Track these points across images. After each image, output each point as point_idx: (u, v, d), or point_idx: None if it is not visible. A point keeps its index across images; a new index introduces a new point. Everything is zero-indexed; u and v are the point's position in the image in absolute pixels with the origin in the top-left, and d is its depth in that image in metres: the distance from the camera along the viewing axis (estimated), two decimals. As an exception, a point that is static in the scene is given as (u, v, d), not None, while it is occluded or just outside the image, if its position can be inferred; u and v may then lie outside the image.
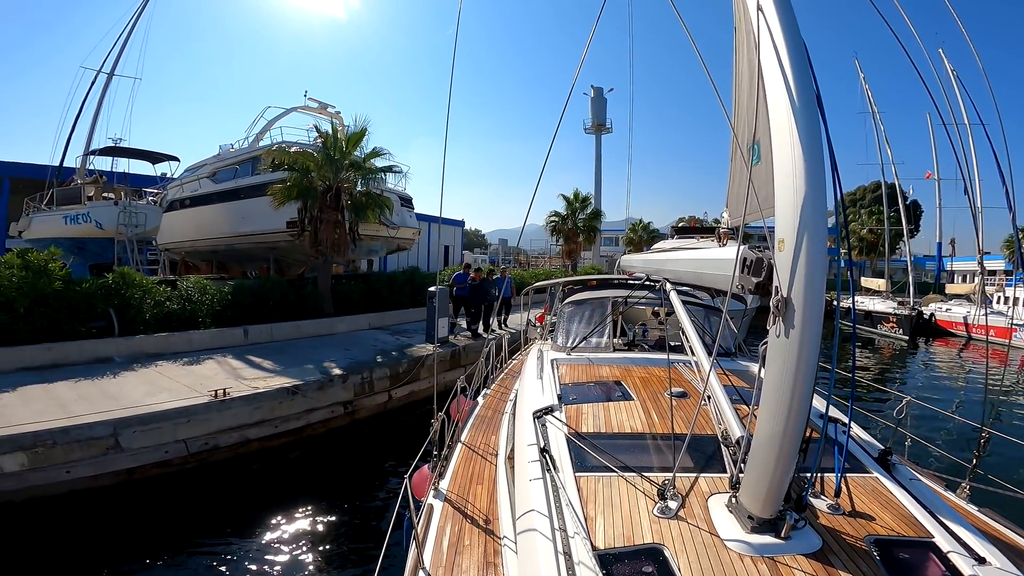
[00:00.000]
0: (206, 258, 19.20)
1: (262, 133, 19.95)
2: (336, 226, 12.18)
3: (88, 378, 7.20)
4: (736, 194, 4.52)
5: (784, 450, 1.91)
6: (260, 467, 7.00)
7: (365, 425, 8.55)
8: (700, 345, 3.43)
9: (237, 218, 15.63)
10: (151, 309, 9.01)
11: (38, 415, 5.78)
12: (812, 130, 1.91)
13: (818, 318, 1.85)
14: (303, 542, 5.37)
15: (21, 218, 16.98)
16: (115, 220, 13.10)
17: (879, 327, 22.07)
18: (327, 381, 7.94)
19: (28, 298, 7.82)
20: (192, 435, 6.33)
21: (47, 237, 13.90)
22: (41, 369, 7.53)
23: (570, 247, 29.87)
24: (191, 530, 5.50)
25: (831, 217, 2.12)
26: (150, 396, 6.56)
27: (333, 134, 13.09)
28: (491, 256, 49.13)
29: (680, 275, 4.79)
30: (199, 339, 9.35)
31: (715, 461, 2.55)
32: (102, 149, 16.88)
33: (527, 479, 2.51)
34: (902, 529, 2.13)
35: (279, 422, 7.22)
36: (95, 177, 16.34)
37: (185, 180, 19.39)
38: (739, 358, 4.65)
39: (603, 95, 46.48)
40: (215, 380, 7.38)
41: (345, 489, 6.68)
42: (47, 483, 5.51)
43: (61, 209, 14.46)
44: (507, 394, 4.85)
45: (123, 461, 5.89)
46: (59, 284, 8.06)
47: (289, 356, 9.15)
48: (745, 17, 2.70)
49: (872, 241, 35.27)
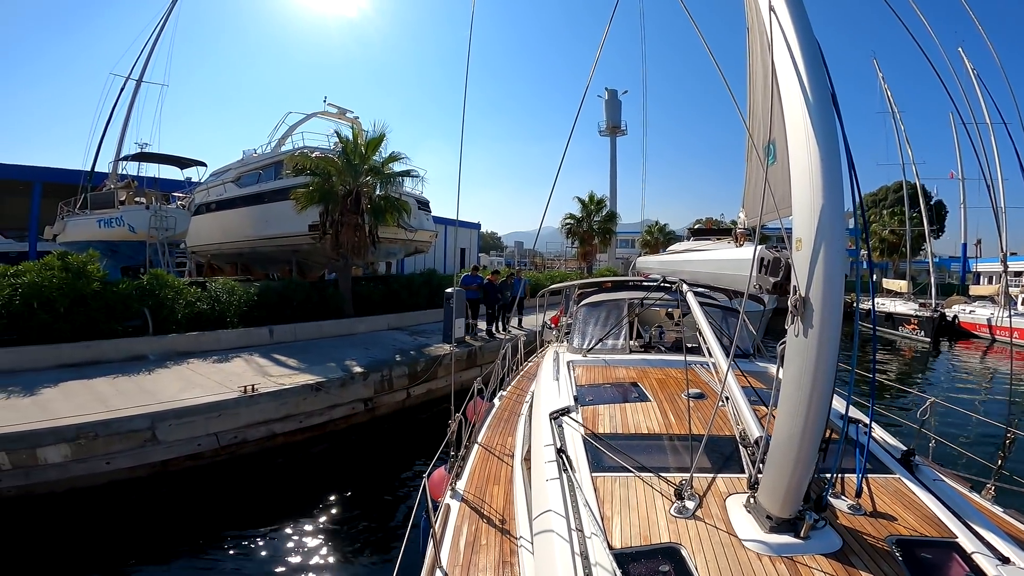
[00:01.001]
0: (231, 260, 19.78)
1: (284, 138, 20.53)
2: (356, 229, 12.52)
3: (125, 374, 7.61)
4: (752, 194, 4.55)
5: (803, 450, 1.89)
6: (284, 461, 7.31)
7: (384, 422, 8.84)
8: (717, 346, 3.43)
9: (261, 221, 16.13)
10: (183, 309, 9.44)
11: (80, 409, 6.16)
12: (828, 129, 1.90)
13: (837, 317, 1.84)
14: (324, 537, 5.54)
15: (56, 222, 17.68)
16: (147, 224, 13.63)
17: (900, 329, 21.78)
18: (349, 379, 8.24)
19: (68, 298, 8.28)
20: (223, 428, 6.66)
21: (81, 240, 14.51)
22: (80, 366, 7.97)
23: (585, 249, 29.95)
24: (220, 522, 5.75)
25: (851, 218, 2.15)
26: (184, 392, 6.91)
27: (353, 139, 13.45)
28: (507, 259, 49.36)
29: (697, 276, 4.70)
30: (227, 338, 9.76)
31: (733, 462, 2.54)
32: (134, 155, 17.51)
33: (544, 479, 2.52)
34: (925, 529, 2.11)
35: (303, 417, 7.53)
36: (127, 182, 16.98)
37: (211, 184, 20.02)
38: (757, 359, 4.63)
39: (617, 97, 46.20)
40: (243, 377, 7.72)
41: (365, 485, 6.93)
42: (88, 474, 5.85)
43: (95, 213, 15.09)
44: (523, 396, 4.89)
45: (159, 453, 6.23)
46: (97, 285, 8.51)
47: (312, 355, 9.49)
48: (758, 18, 2.71)
49: (894, 242, 34.68)
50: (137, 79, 19.27)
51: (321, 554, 5.26)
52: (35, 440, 5.53)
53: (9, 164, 24.07)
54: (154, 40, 19.58)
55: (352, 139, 13.51)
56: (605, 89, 46.02)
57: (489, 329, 12.53)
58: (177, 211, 14.64)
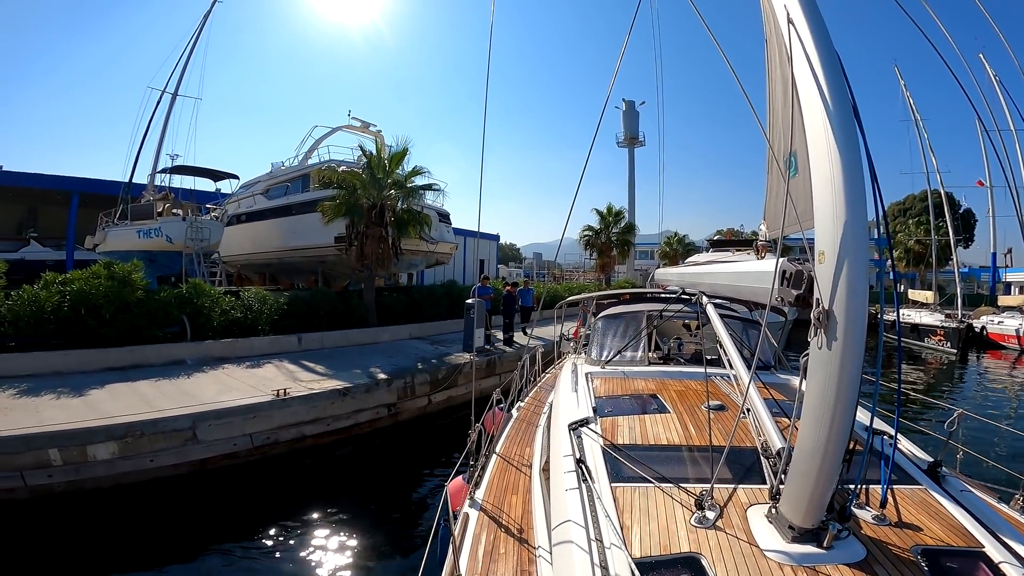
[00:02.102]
0: (259, 270, 20.47)
1: (311, 151, 21.28)
2: (380, 241, 12.97)
3: (166, 378, 8.08)
4: (773, 206, 4.56)
5: (827, 461, 1.88)
6: (313, 462, 7.65)
7: (407, 426, 9.16)
8: (739, 359, 3.43)
9: (289, 233, 16.75)
10: (218, 317, 9.95)
11: (127, 409, 6.59)
12: (850, 140, 1.89)
13: (861, 330, 1.83)
14: (349, 538, 5.69)
15: (96, 231, 18.55)
16: (183, 235, 14.29)
17: (926, 340, 21.44)
18: (373, 385, 8.60)
19: (113, 305, 8.82)
20: (257, 430, 7.04)
21: (121, 250, 15.25)
22: (124, 369, 8.47)
23: (604, 261, 30.04)
24: (252, 520, 5.94)
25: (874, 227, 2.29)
26: (221, 394, 7.33)
27: (377, 153, 13.96)
28: (526, 270, 49.69)
29: (717, 288, 4.77)
30: (259, 345, 10.23)
31: (754, 473, 2.53)
32: (172, 168, 18.33)
33: (563, 489, 2.53)
34: (951, 539, 2.09)
35: (331, 420, 7.89)
36: (164, 194, 17.79)
37: (241, 196, 20.80)
38: (778, 371, 4.60)
39: (635, 108, 46.14)
40: (275, 381, 8.12)
41: (388, 488, 7.19)
42: (133, 470, 6.24)
43: (135, 224, 15.86)
44: (540, 407, 4.90)
45: (198, 452, 6.62)
46: (141, 293, 9.05)
47: (338, 362, 9.88)
48: (776, 30, 2.69)
49: (920, 252, 34.08)
50: (172, 93, 20.21)
51: (346, 556, 5.41)
52: (87, 437, 5.94)
53: (48, 175, 24.80)
54: (188, 54, 20.49)
55: (376, 153, 14.04)
56: (623, 100, 46.11)
57: (507, 337, 12.98)
58: (211, 222, 15.32)
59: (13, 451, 5.63)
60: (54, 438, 5.77)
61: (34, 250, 23.78)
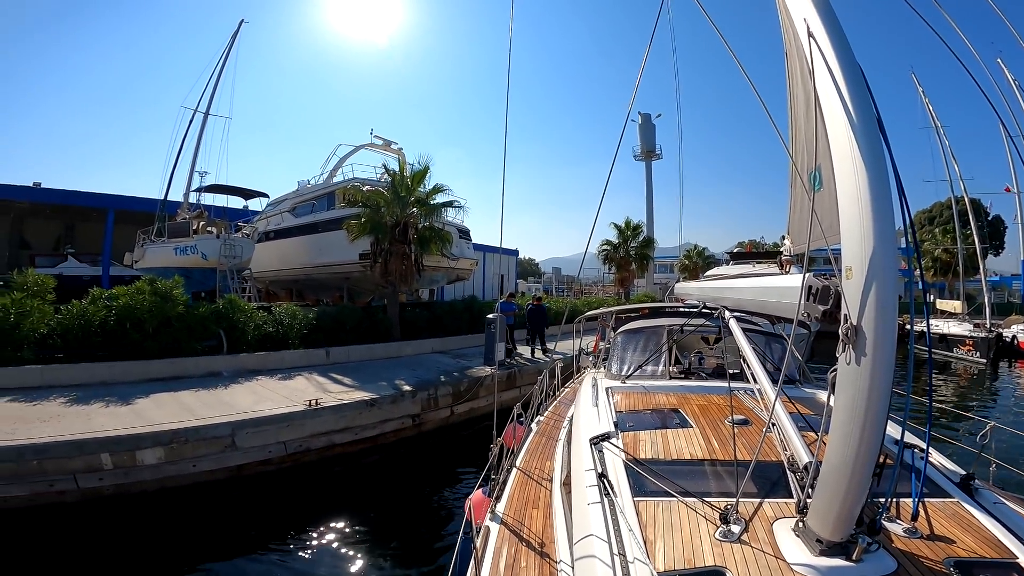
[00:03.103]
0: (287, 286, 21.12)
1: (335, 169, 21.97)
2: (404, 258, 13.37)
3: (204, 388, 8.53)
4: (798, 220, 4.50)
5: (856, 476, 1.86)
6: (342, 469, 7.96)
7: (430, 436, 9.45)
8: (763, 373, 3.39)
9: (315, 250, 17.32)
10: (252, 331, 10.45)
11: (171, 417, 7.02)
12: (875, 155, 1.86)
13: (891, 346, 1.79)
14: (372, 548, 5.89)
15: (135, 248, 19.41)
16: (217, 252, 14.93)
17: (955, 350, 21.06)
18: (399, 396, 8.93)
19: (156, 319, 9.37)
20: (290, 438, 7.41)
21: (158, 266, 15.96)
22: (165, 380, 8.97)
23: (623, 275, 30.06)
24: (284, 525, 6.22)
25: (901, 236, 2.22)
26: (257, 404, 7.74)
27: (400, 172, 14.40)
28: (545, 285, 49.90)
29: (740, 303, 4.71)
30: (290, 358, 10.69)
31: (780, 487, 2.50)
32: (207, 187, 19.16)
33: (585, 503, 2.52)
34: (984, 551, 2.07)
35: (359, 430, 8.23)
36: (198, 212, 18.60)
37: (269, 214, 21.55)
38: (803, 385, 4.57)
39: (651, 121, 45.96)
40: (306, 393, 8.51)
41: (411, 497, 7.41)
42: (177, 475, 6.62)
43: (172, 241, 16.64)
44: (560, 421, 4.90)
45: (236, 458, 7.00)
46: (181, 308, 9.60)
47: (365, 374, 10.25)
48: (796, 43, 2.66)
49: (947, 261, 33.40)
50: (204, 112, 21.06)
51: (370, 565, 5.57)
52: (135, 443, 6.35)
53: (85, 192, 25.57)
54: (218, 74, 21.29)
55: (399, 172, 14.49)
56: (639, 114, 46.01)
57: (538, 348, 13.95)
58: (243, 240, 15.96)
59: (67, 455, 6.04)
60: (105, 443, 6.19)
61: (71, 266, 24.25)
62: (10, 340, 8.61)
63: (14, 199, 24.72)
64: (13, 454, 5.83)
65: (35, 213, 27.46)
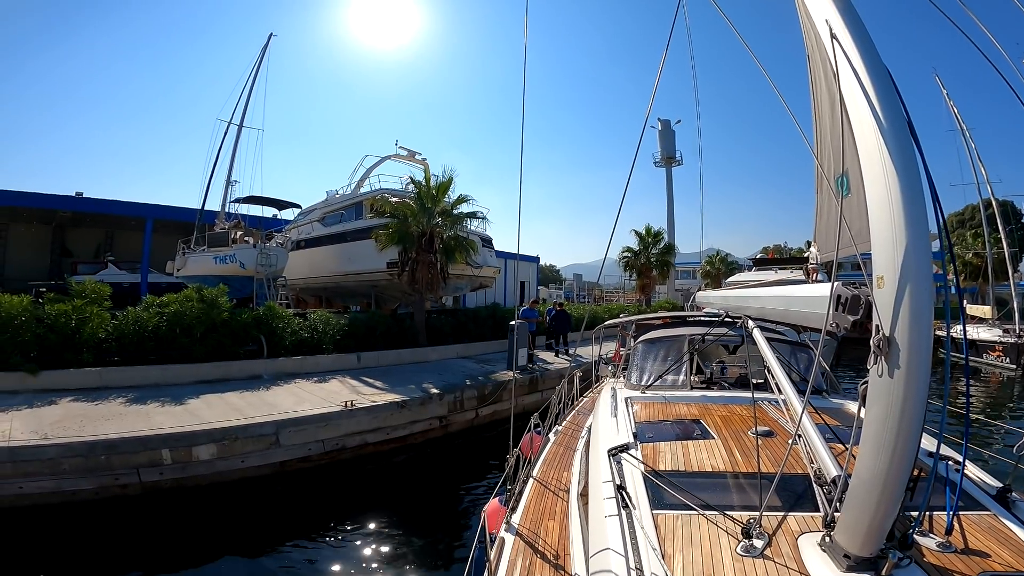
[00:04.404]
0: (316, 293, 21.91)
1: (362, 180, 22.75)
2: (430, 267, 13.91)
3: (248, 390, 9.17)
4: (825, 227, 4.40)
5: (888, 490, 1.79)
6: (373, 467, 8.48)
7: (456, 437, 9.94)
8: (789, 384, 3.31)
9: (344, 259, 18.02)
10: (289, 337, 11.10)
11: (222, 416, 7.63)
12: (906, 159, 1.81)
13: (926, 357, 1.73)
14: (396, 547, 6.18)
15: (176, 257, 20.45)
16: (254, 261, 15.74)
17: (984, 356, 20.79)
18: (427, 399, 9.44)
19: (203, 325, 10.08)
20: (328, 437, 7.96)
21: (198, 275, 16.88)
22: (212, 382, 9.64)
23: (643, 282, 30.14)
24: (320, 518, 6.64)
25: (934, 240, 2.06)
26: (297, 405, 8.33)
27: (425, 183, 14.90)
28: (566, 291, 50.17)
29: (764, 312, 4.63)
30: (324, 362, 11.33)
31: (805, 500, 2.44)
32: (245, 198, 20.09)
33: (602, 516, 2.48)
34: (1021, 565, 2.01)
35: (390, 430, 8.75)
36: (236, 222, 19.52)
37: (300, 223, 22.40)
38: (830, 395, 4.47)
39: (671, 127, 46.02)
40: (340, 395, 9.07)
41: (437, 497, 7.81)
42: (227, 470, 7.19)
43: (212, 250, 17.57)
44: (578, 431, 4.87)
45: (279, 455, 7.56)
46: (226, 315, 10.28)
47: (394, 378, 10.80)
48: (818, 46, 2.60)
49: (978, 265, 32.70)
50: (238, 124, 22.01)
51: (393, 564, 5.84)
52: (192, 440, 6.95)
53: (124, 201, 26.68)
54: (250, 87, 22.24)
55: (424, 183, 14.98)
56: (658, 120, 45.83)
57: (562, 349, 15.09)
58: (278, 249, 16.73)
59: (132, 451, 6.65)
60: (166, 439, 6.80)
61: (112, 273, 24.86)
62: (71, 344, 9.38)
63: (58, 208, 25.96)
64: (84, 449, 6.42)
65: (77, 222, 28.76)
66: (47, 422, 7.08)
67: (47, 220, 28.01)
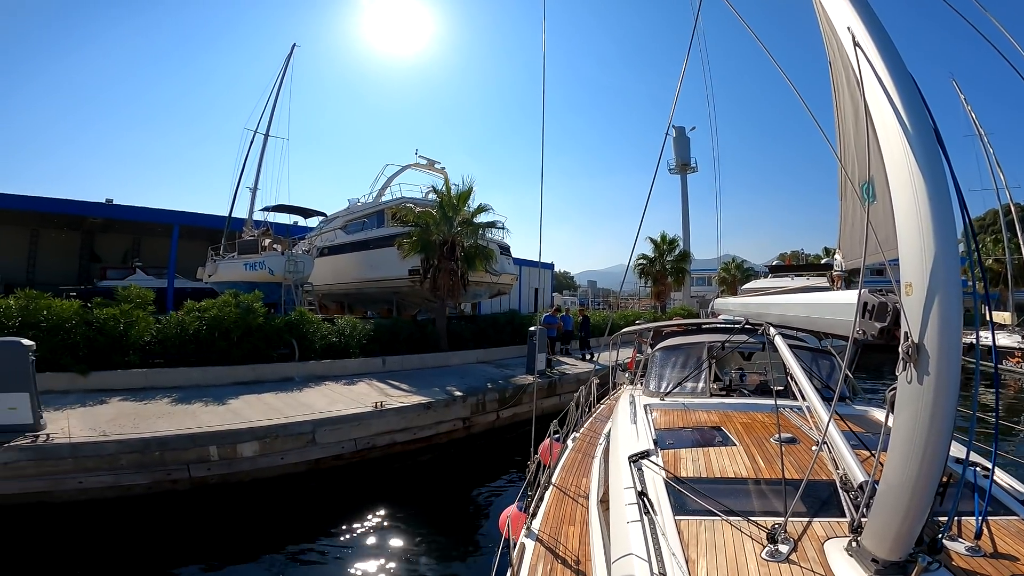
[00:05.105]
0: (338, 300, 22.52)
1: (383, 188, 23.37)
2: (451, 274, 14.39)
3: (283, 391, 9.70)
4: (850, 234, 4.37)
5: (917, 495, 1.79)
6: (400, 466, 8.93)
7: (478, 438, 10.39)
8: (813, 391, 3.30)
9: (367, 266, 18.59)
10: (319, 341, 11.64)
11: (261, 415, 8.13)
12: (933, 167, 1.81)
13: (956, 363, 1.74)
14: (420, 547, 6.46)
15: (207, 263, 21.20)
16: (283, 268, 16.33)
17: (1004, 362, 20.74)
18: (451, 401, 9.89)
19: (240, 329, 10.66)
20: (360, 436, 8.43)
21: (228, 280, 17.56)
22: (248, 384, 10.19)
23: (658, 289, 30.43)
24: (352, 513, 6.99)
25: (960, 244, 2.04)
26: (330, 405, 8.82)
27: (446, 192, 15.42)
28: (581, 298, 50.38)
29: (787, 319, 4.56)
30: (351, 365, 11.86)
31: (831, 506, 2.44)
32: (274, 207, 20.73)
33: (624, 522, 2.48)
34: None
35: (416, 430, 9.21)
36: (265, 229, 20.22)
37: (323, 231, 23.06)
38: (854, 402, 4.47)
39: (685, 134, 46.27)
40: (369, 396, 9.56)
41: (459, 497, 8.19)
42: (268, 466, 7.64)
43: (242, 257, 18.28)
44: (596, 438, 4.88)
45: (315, 452, 8.04)
46: (261, 319, 10.85)
47: (418, 381, 11.27)
48: (840, 53, 2.57)
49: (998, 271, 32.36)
50: (264, 133, 22.64)
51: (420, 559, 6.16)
52: (237, 437, 7.42)
53: (152, 208, 27.56)
54: (275, 97, 22.82)
55: (445, 192, 15.50)
56: (672, 127, 46.20)
57: (585, 352, 16.37)
58: (305, 256, 17.34)
59: (183, 447, 7.11)
60: (214, 437, 7.29)
61: (140, 278, 25.31)
62: (119, 346, 9.99)
63: (88, 215, 26.81)
64: (140, 445, 6.87)
65: (106, 228, 29.66)
66: (103, 420, 7.61)
67: (77, 226, 28.91)
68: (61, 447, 6.51)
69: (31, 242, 29.53)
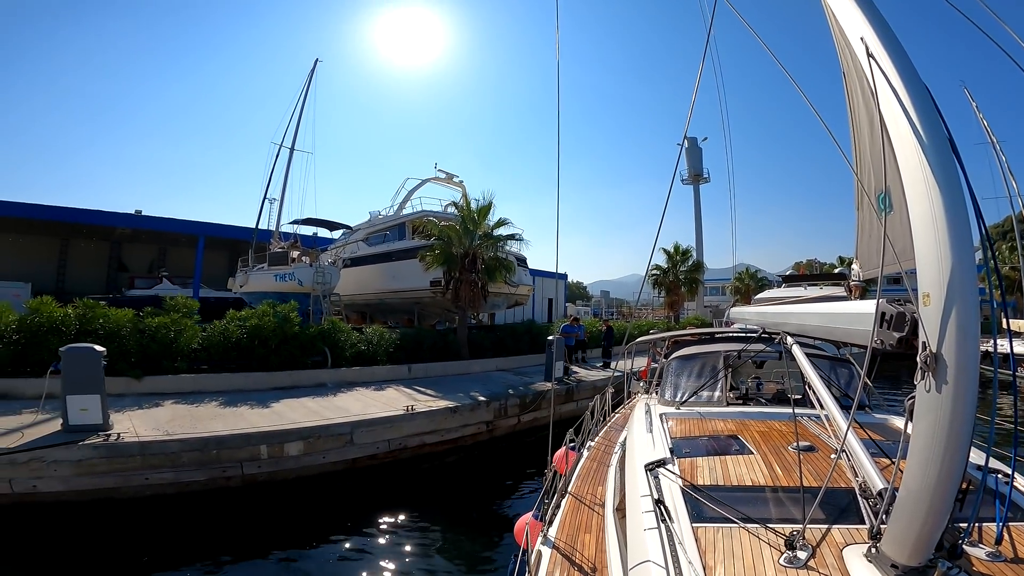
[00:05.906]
0: (360, 310, 23.34)
1: (404, 201, 24.21)
2: (472, 285, 15.07)
3: (319, 396, 10.43)
4: (866, 244, 4.38)
5: (937, 501, 1.81)
6: (429, 467, 9.57)
7: (500, 441, 11.02)
8: (832, 400, 3.32)
9: (390, 277, 19.38)
10: (349, 349, 12.39)
11: (302, 417, 8.82)
12: (949, 177, 1.82)
13: (974, 372, 1.74)
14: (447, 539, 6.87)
15: (238, 274, 22.14)
16: (311, 279, 17.15)
17: (1019, 369, 20.80)
18: (476, 405, 10.55)
19: (278, 337, 11.43)
20: (392, 437, 9.10)
21: (259, 291, 18.44)
22: (286, 388, 10.94)
23: (672, 299, 30.81)
24: (385, 510, 7.44)
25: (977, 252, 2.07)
26: (364, 409, 9.51)
27: (466, 206, 16.04)
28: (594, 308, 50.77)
29: (805, 328, 4.56)
30: (379, 372, 12.60)
31: (849, 513, 2.45)
32: (304, 220, 21.62)
33: (641, 529, 2.50)
34: None
35: (443, 432, 9.86)
36: (293, 242, 21.15)
37: (346, 242, 23.95)
38: (873, 411, 4.51)
39: (697, 144, 46.70)
40: (399, 401, 10.24)
41: (482, 496, 8.71)
42: (311, 465, 8.26)
43: (272, 269, 19.20)
44: (611, 447, 4.92)
45: (352, 452, 8.70)
46: (296, 328, 11.62)
47: (443, 387, 11.95)
48: (854, 64, 2.58)
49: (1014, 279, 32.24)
50: (290, 147, 23.66)
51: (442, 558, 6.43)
52: (285, 437, 8.08)
53: (179, 219, 28.63)
54: (299, 112, 23.86)
55: (466, 206, 16.10)
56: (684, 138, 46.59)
57: (606, 362, 17.27)
58: (332, 268, 18.17)
59: (237, 446, 7.75)
60: (265, 436, 7.95)
61: (165, 288, 26.33)
62: (169, 353, 10.80)
63: (117, 225, 27.93)
64: (200, 444, 7.47)
65: (133, 238, 30.79)
66: (162, 421, 8.31)
67: (106, 236, 29.98)
68: (131, 445, 7.16)
69: (61, 251, 30.65)
